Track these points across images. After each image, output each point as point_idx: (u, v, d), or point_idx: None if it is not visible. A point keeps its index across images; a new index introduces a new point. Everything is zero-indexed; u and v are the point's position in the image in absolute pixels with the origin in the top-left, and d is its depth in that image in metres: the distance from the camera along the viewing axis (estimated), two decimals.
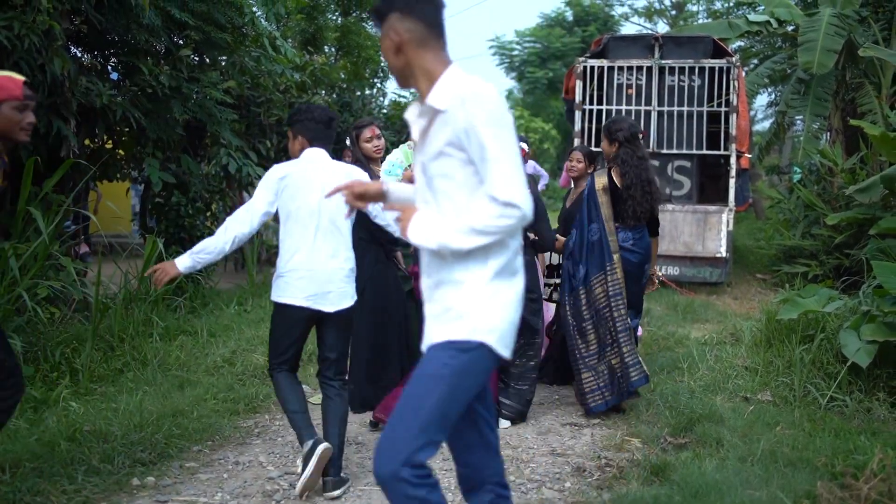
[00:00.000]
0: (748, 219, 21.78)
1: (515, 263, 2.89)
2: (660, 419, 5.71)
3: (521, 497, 4.56)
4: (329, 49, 16.60)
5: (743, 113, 12.61)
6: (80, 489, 4.33)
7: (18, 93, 3.68)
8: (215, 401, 6.03)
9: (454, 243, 2.74)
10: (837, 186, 11.82)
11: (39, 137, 7.18)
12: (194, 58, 9.41)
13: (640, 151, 6.28)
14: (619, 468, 4.87)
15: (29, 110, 3.76)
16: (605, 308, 6.05)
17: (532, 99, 39.75)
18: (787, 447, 4.83)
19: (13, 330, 5.97)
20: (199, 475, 4.77)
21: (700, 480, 4.19)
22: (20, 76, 3.77)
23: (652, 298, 11.19)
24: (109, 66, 8.99)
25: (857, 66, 13.57)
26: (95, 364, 6.33)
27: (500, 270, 2.82)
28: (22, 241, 6.51)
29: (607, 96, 12.94)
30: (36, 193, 6.85)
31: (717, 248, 11.98)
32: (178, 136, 9.21)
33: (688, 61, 12.58)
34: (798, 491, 4.05)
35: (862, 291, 6.77)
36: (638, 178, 6.19)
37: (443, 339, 2.81)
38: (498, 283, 2.82)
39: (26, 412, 5.25)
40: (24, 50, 6.50)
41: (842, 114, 14.24)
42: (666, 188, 12.78)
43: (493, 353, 2.80)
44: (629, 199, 6.20)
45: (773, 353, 6.70)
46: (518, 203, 2.67)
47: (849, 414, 5.61)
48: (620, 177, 6.21)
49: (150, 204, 9.88)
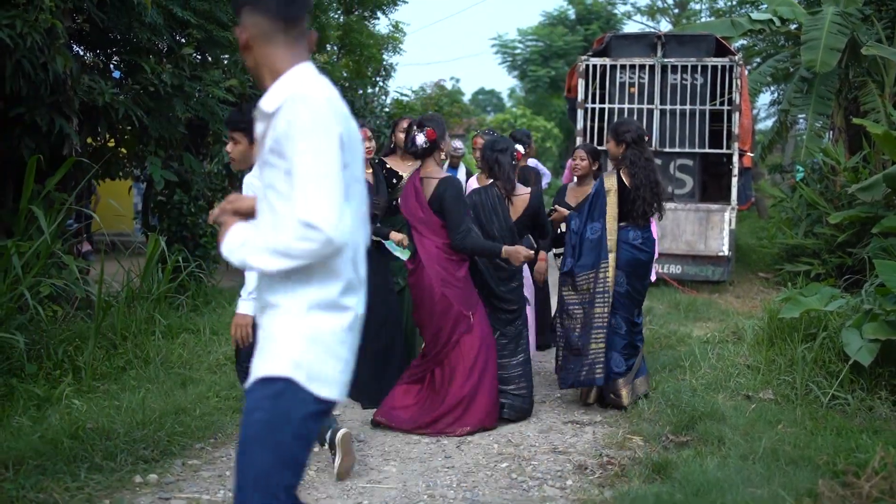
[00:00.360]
0: (750, 217, 21.76)
1: (345, 300, 2.56)
2: (661, 417, 5.71)
3: (523, 495, 4.57)
4: (331, 47, 16.60)
5: (745, 111, 12.60)
6: (82, 486, 4.35)
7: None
8: (217, 398, 6.04)
9: (255, 263, 2.46)
10: (840, 185, 11.80)
11: (42, 135, 7.19)
12: (196, 56, 9.42)
13: (646, 153, 6.43)
14: (620, 466, 4.88)
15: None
16: (588, 303, 6.24)
17: (534, 97, 39.71)
18: (789, 445, 4.83)
19: (16, 328, 5.98)
20: (201, 472, 4.79)
21: (702, 478, 4.19)
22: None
23: (654, 297, 11.20)
24: (112, 64, 9.00)
25: (861, 64, 13.55)
26: (98, 362, 6.34)
27: (322, 303, 2.51)
28: (24, 240, 6.52)
29: (609, 95, 12.93)
30: (38, 192, 6.86)
31: (719, 246, 11.97)
32: (181, 134, 9.21)
33: (690, 60, 12.57)
34: (800, 489, 4.05)
35: (864, 290, 6.76)
36: (647, 178, 6.33)
37: (257, 375, 2.53)
38: (316, 315, 2.51)
39: (29, 409, 5.26)
40: (27, 48, 6.51)
41: (845, 112, 14.21)
42: (668, 187, 12.76)
43: (305, 392, 2.47)
44: (638, 199, 6.33)
45: (775, 352, 6.70)
46: (319, 225, 2.34)
47: (850, 412, 5.61)
48: (630, 177, 6.34)
49: (153, 202, 9.89)
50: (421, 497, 4.50)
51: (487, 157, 6.24)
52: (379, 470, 4.93)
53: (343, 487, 4.60)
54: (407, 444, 5.44)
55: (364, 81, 16.44)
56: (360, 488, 4.61)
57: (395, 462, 5.08)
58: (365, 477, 4.79)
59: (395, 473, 4.88)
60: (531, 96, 40.16)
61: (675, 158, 12.77)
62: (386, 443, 5.46)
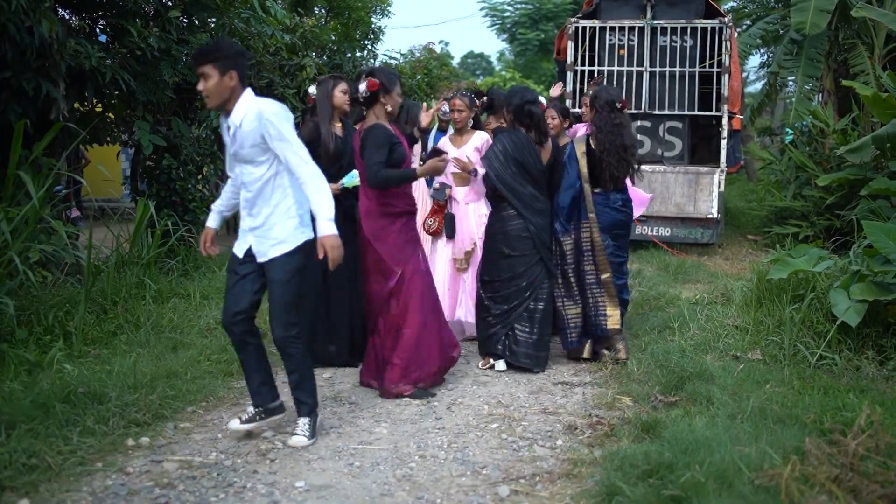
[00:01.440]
0: (740, 180, 21.79)
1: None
2: (651, 378, 5.75)
3: (514, 455, 4.60)
4: (319, 10, 16.47)
5: (735, 74, 12.58)
6: (75, 450, 4.36)
7: None
8: (209, 362, 6.06)
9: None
10: (829, 147, 11.83)
11: (28, 100, 7.14)
12: (183, 19, 9.32)
13: (617, 118, 6.57)
14: (610, 426, 4.92)
15: None
16: (573, 263, 6.52)
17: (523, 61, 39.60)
18: (777, 405, 4.87)
19: (6, 293, 5.97)
20: (193, 435, 4.81)
21: (690, 437, 4.23)
22: None
23: (644, 259, 11.25)
24: (98, 28, 8.91)
25: (850, 26, 13.53)
26: (88, 327, 6.34)
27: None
28: (12, 205, 6.49)
29: (599, 57, 12.90)
30: (26, 157, 6.82)
31: (708, 209, 12.00)
32: (169, 98, 9.15)
33: (680, 22, 12.54)
34: (787, 447, 4.08)
35: (852, 251, 6.80)
36: (612, 143, 6.50)
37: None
38: None
39: (20, 374, 5.26)
40: (12, 12, 6.44)
41: (834, 75, 14.21)
42: (658, 149, 12.78)
43: None
44: (604, 163, 6.52)
45: (764, 313, 6.74)
46: None
47: (838, 372, 5.66)
48: (596, 142, 6.54)
49: (141, 167, 9.84)
50: (412, 458, 4.54)
51: (517, 108, 6.38)
52: (370, 431, 4.96)
53: (335, 449, 4.63)
54: (398, 406, 5.47)
55: (352, 45, 16.31)
56: (352, 449, 4.64)
57: (386, 423, 5.11)
58: (356, 438, 4.82)
59: (387, 435, 4.91)
60: (520, 59, 40.04)
61: (664, 121, 12.77)
62: (377, 404, 5.49)
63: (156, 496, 3.96)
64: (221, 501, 3.94)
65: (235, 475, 4.24)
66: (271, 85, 11.82)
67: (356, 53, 16.49)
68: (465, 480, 4.25)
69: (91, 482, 4.09)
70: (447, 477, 4.29)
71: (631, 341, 6.83)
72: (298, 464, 4.43)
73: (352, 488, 4.12)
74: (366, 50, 17.38)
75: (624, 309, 6.66)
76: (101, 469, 4.24)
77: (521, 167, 6.27)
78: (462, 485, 4.19)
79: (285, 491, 4.07)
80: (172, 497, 3.96)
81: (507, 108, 6.50)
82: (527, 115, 6.36)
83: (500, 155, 6.30)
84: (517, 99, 6.41)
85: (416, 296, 5.68)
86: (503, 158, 6.29)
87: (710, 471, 3.78)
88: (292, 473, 4.29)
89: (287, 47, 12.61)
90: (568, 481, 4.22)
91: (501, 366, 6.37)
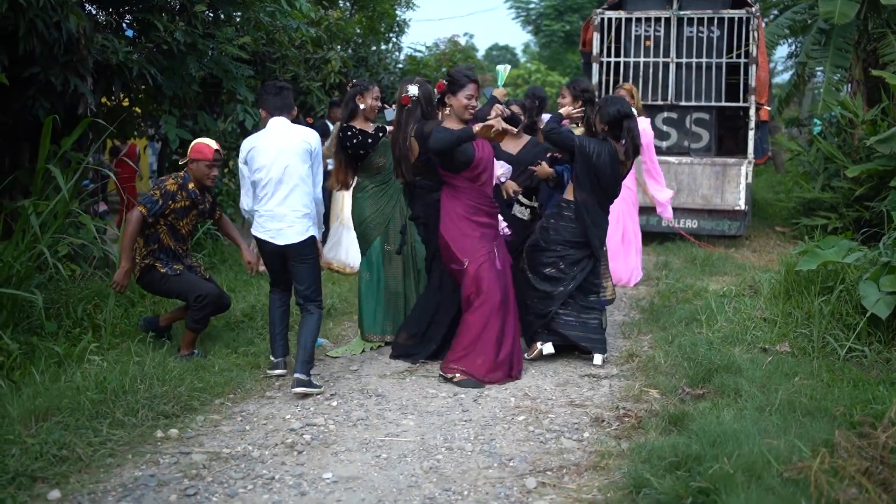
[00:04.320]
0: (767, 172, 21.62)
1: None
2: (678, 370, 5.72)
3: (540, 447, 4.60)
4: (344, 3, 16.47)
5: (762, 64, 12.48)
6: (105, 441, 4.40)
7: (210, 155, 6.12)
8: (236, 355, 6.10)
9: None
10: (858, 138, 11.70)
11: (56, 96, 7.19)
12: (209, 14, 9.34)
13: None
14: (637, 418, 4.90)
15: (216, 168, 6.20)
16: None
17: (548, 52, 39.39)
18: (806, 397, 4.83)
19: (35, 286, 6.03)
20: (221, 427, 4.84)
21: (718, 430, 4.21)
22: (214, 143, 6.16)
23: (671, 251, 11.20)
24: (124, 23, 8.95)
25: (880, 15, 13.36)
26: (118, 320, 6.39)
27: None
28: (42, 199, 6.54)
29: (625, 49, 12.83)
30: (55, 152, 6.87)
31: (735, 200, 11.93)
32: (195, 92, 9.18)
33: (707, 12, 12.44)
34: (816, 439, 4.06)
35: (882, 243, 6.71)
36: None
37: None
38: None
39: (50, 367, 5.31)
40: (40, 7, 6.48)
41: (863, 64, 14.04)
42: (684, 141, 12.72)
43: None
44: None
45: (792, 305, 6.69)
46: None
47: (867, 364, 5.61)
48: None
49: (168, 161, 9.90)
50: (439, 450, 4.54)
51: (613, 120, 6.18)
52: (397, 423, 4.97)
53: (362, 440, 4.65)
54: (424, 399, 5.48)
55: (377, 38, 16.30)
56: (379, 441, 4.65)
57: (413, 415, 5.12)
58: (383, 430, 4.84)
59: (413, 427, 4.92)
60: (546, 51, 39.84)
61: (691, 112, 12.69)
62: (404, 396, 5.51)
63: (185, 487, 3.99)
64: (250, 492, 3.97)
65: (263, 466, 4.27)
66: (297, 78, 11.85)
67: (381, 46, 16.50)
68: (492, 472, 4.25)
69: (121, 473, 4.13)
70: (474, 469, 4.29)
71: (658, 334, 6.81)
72: (326, 455, 4.45)
73: (379, 480, 4.14)
74: (391, 43, 17.38)
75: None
76: (130, 460, 4.29)
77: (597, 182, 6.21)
78: (489, 477, 4.20)
79: (313, 482, 4.09)
80: (201, 488, 3.99)
81: (601, 118, 6.25)
82: (623, 130, 6.16)
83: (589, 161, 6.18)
84: (614, 110, 6.19)
85: (484, 290, 5.82)
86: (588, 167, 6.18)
87: (738, 463, 3.76)
88: (320, 465, 4.31)
89: (312, 41, 12.63)
90: (595, 473, 4.21)
91: (550, 349, 6.39)
